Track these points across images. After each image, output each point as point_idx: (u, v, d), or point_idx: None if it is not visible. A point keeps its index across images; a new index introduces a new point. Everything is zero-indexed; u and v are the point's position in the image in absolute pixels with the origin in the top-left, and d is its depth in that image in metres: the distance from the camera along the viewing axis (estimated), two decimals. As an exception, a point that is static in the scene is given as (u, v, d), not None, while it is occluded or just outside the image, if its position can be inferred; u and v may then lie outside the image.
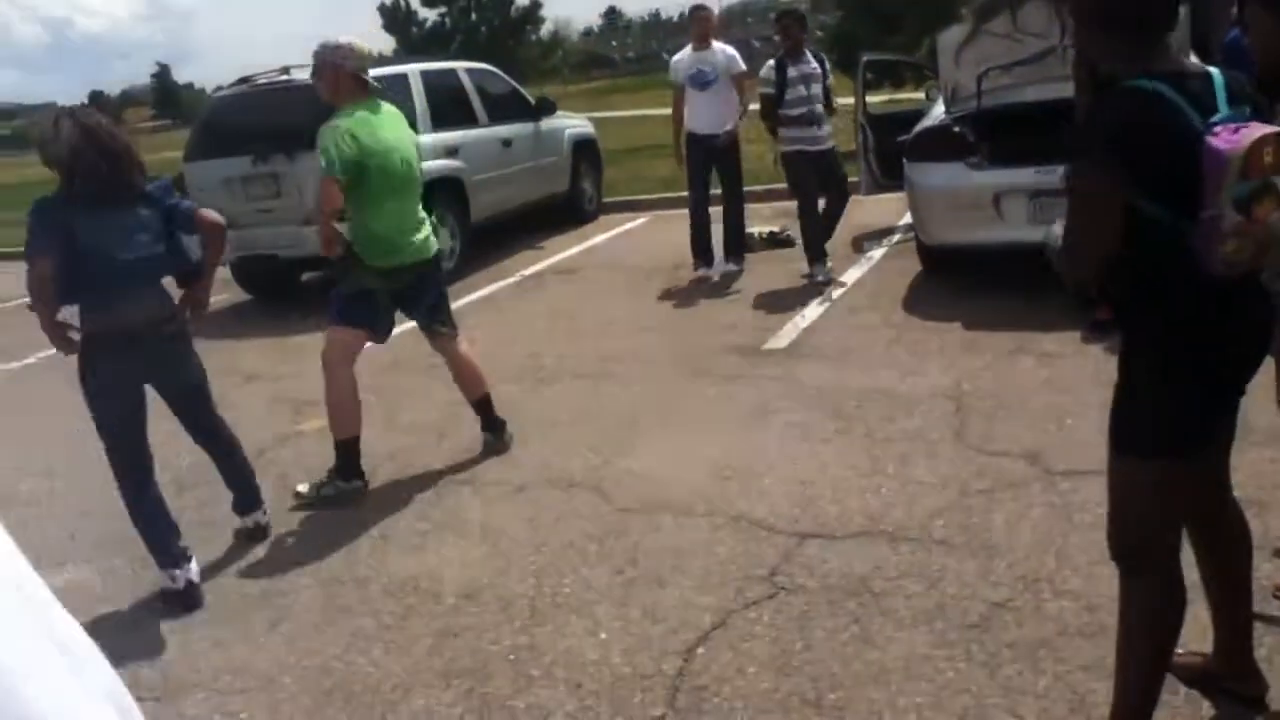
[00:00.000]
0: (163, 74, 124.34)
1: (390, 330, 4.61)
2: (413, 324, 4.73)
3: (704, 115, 7.55)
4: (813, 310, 6.51)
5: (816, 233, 7.28)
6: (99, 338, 3.63)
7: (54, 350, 3.74)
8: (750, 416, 4.80)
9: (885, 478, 3.97)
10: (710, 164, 7.72)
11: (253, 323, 8.25)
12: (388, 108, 4.46)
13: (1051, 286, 5.68)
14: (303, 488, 4.48)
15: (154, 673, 3.24)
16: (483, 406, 4.79)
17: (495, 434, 4.79)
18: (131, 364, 3.66)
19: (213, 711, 3.00)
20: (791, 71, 7.15)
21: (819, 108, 7.23)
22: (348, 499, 4.38)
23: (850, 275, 7.31)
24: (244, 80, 8.78)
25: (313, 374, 4.80)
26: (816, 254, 7.24)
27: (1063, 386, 4.67)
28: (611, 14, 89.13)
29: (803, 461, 4.21)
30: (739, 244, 7.95)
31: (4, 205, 19.09)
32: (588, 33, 74.90)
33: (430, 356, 6.32)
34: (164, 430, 3.97)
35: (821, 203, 7.34)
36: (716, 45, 7.70)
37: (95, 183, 3.50)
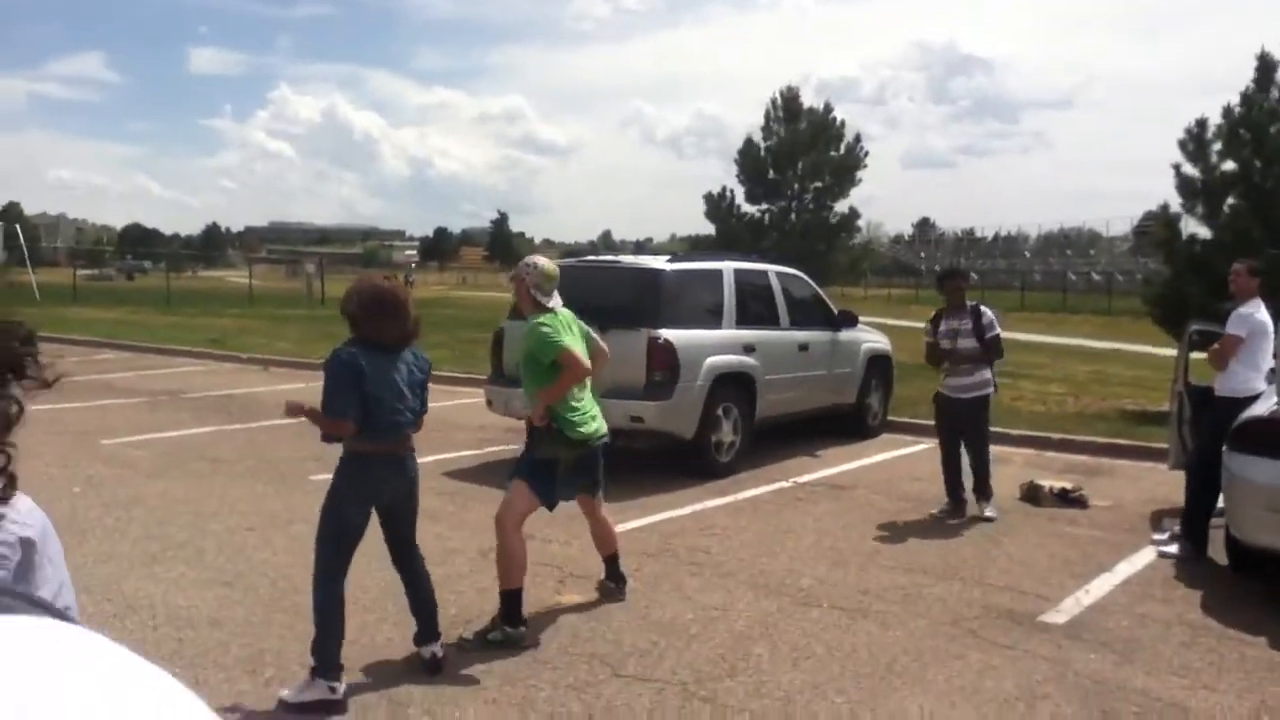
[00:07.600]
0: (500, 221, 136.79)
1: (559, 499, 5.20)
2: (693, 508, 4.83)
3: None
4: (1099, 586, 6.06)
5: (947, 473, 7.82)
6: (362, 455, 4.22)
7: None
8: (1015, 698, 4.46)
9: (1161, 809, 3.57)
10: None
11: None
12: (564, 311, 5.28)
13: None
14: (467, 633, 4.83)
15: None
16: (611, 561, 5.52)
17: (618, 584, 5.50)
18: (382, 481, 4.28)
19: None
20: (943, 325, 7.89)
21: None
22: (515, 643, 4.73)
23: (1144, 555, 6.77)
24: (571, 255, 9.59)
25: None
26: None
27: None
28: (924, 225, 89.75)
29: (1067, 765, 3.87)
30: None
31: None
32: (898, 239, 75.62)
33: (693, 552, 6.37)
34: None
35: None
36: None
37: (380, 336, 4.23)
